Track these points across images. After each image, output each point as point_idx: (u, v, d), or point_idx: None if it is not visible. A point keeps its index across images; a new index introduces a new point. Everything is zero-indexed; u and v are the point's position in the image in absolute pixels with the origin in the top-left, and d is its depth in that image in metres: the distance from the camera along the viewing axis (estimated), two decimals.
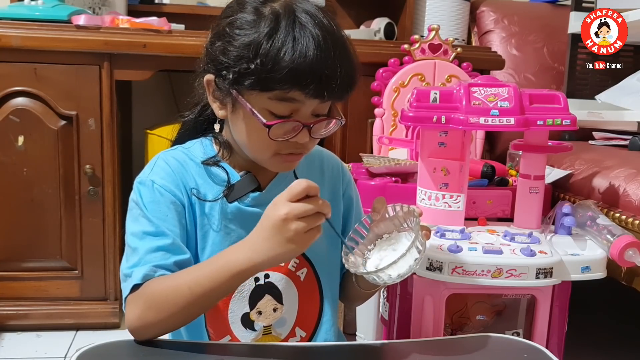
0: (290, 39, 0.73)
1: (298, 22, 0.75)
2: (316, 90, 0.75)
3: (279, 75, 0.73)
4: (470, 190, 1.24)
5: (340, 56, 0.76)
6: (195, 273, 0.76)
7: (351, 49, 0.80)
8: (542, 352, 0.80)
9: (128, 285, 0.78)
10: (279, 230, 0.71)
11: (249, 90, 0.76)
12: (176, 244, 0.80)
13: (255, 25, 0.75)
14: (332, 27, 0.77)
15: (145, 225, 0.79)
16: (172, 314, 0.75)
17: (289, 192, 0.71)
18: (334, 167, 0.96)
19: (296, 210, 0.70)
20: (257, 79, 0.74)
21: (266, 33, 0.74)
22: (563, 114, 1.16)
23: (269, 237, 0.72)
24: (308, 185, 0.71)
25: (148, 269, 0.77)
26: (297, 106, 0.77)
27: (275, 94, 0.76)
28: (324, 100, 0.78)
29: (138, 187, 0.82)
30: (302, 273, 0.89)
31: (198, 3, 2.14)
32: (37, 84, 1.60)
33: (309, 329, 0.90)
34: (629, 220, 1.21)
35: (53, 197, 1.64)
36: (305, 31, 0.74)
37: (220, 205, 0.84)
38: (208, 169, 0.85)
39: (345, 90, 0.79)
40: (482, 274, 1.05)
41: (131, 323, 0.77)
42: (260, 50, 0.74)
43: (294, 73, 0.73)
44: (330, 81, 0.75)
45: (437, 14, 2.02)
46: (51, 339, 1.66)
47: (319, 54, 0.74)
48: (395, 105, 1.69)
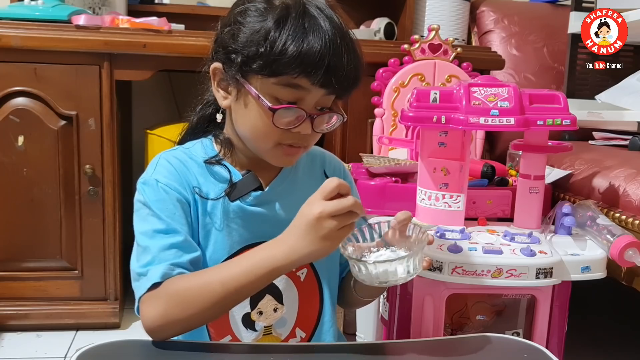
0: (300, 27, 0.75)
1: (308, 14, 0.76)
2: (323, 78, 0.76)
3: (287, 59, 0.74)
4: (470, 190, 1.24)
5: (347, 50, 0.78)
6: (229, 269, 0.76)
7: (358, 47, 0.81)
8: (542, 352, 0.80)
9: (144, 284, 0.77)
10: (313, 227, 0.72)
11: (256, 74, 0.77)
12: (188, 241, 0.80)
13: (265, 13, 0.77)
14: (340, 24, 0.79)
15: (155, 223, 0.79)
16: (201, 310, 0.75)
17: (322, 191, 0.73)
18: (335, 168, 0.96)
19: (330, 209, 0.71)
20: (265, 62, 0.75)
21: (276, 20, 0.76)
22: (563, 114, 1.15)
23: (304, 235, 0.73)
24: (340, 183, 0.73)
25: (166, 267, 0.76)
26: (303, 94, 0.78)
27: (281, 80, 0.76)
28: (329, 92, 0.79)
29: (142, 188, 0.82)
30: (302, 273, 0.89)
31: (198, 3, 2.14)
32: (37, 84, 1.60)
33: (308, 330, 0.90)
34: (629, 220, 1.21)
35: (53, 197, 1.64)
36: (315, 22, 0.76)
37: (222, 204, 0.84)
38: (210, 168, 0.85)
39: (350, 84, 0.80)
40: (482, 274, 1.05)
41: (153, 321, 0.76)
42: (269, 37, 0.75)
43: (303, 59, 0.74)
44: (338, 72, 0.76)
45: (437, 14, 2.02)
46: (51, 339, 1.66)
47: (328, 43, 0.75)
48: (395, 105, 1.69)
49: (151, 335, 0.76)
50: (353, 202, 0.72)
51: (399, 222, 0.80)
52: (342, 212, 0.72)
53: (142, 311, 0.77)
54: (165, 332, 0.76)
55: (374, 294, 0.92)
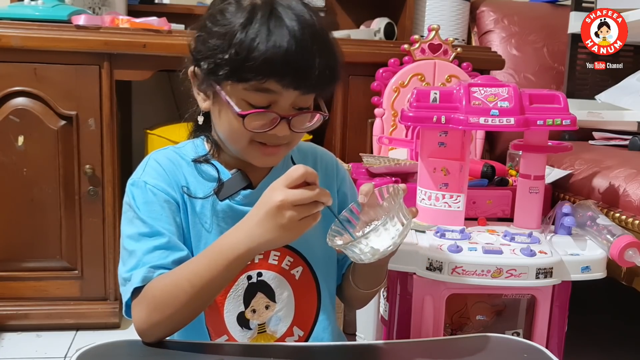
0: (265, 30, 0.73)
1: (275, 14, 0.75)
2: (292, 81, 0.75)
3: (252, 64, 0.73)
4: (470, 190, 1.24)
5: (318, 49, 0.76)
6: (193, 266, 0.75)
7: (332, 43, 0.79)
8: (542, 352, 0.80)
9: (128, 289, 0.77)
10: (273, 216, 0.70)
11: (225, 80, 0.77)
12: (172, 242, 0.79)
13: (233, 16, 0.76)
14: (312, 21, 0.76)
15: (140, 226, 0.79)
16: (176, 311, 0.75)
17: (286, 178, 0.70)
18: (328, 163, 0.95)
19: (292, 198, 0.69)
20: (231, 69, 0.75)
21: (241, 23, 0.74)
22: (563, 114, 1.16)
23: (262, 223, 0.71)
24: (306, 171, 0.70)
25: (146, 271, 0.76)
26: (275, 97, 0.77)
27: (251, 85, 0.76)
28: (303, 93, 0.78)
29: (130, 189, 0.82)
30: (297, 272, 0.88)
31: (198, 3, 2.14)
32: (37, 84, 1.60)
33: (306, 328, 0.90)
34: (629, 220, 1.21)
35: (53, 197, 1.64)
36: (281, 22, 0.74)
37: (212, 203, 0.84)
38: (199, 167, 0.85)
39: (324, 83, 0.78)
40: (482, 274, 1.05)
41: (139, 326, 0.76)
42: (234, 40, 0.74)
43: (268, 63, 0.73)
44: (308, 72, 0.75)
45: (437, 14, 2.02)
46: (51, 339, 1.66)
47: (294, 45, 0.73)
48: (395, 105, 1.69)
49: (143, 339, 0.77)
50: (318, 192, 0.69)
51: (365, 195, 0.78)
52: (306, 202, 0.69)
53: (132, 316, 0.78)
54: (154, 335, 0.76)
55: (373, 283, 0.91)
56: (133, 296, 0.77)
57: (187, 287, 0.74)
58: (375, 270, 0.88)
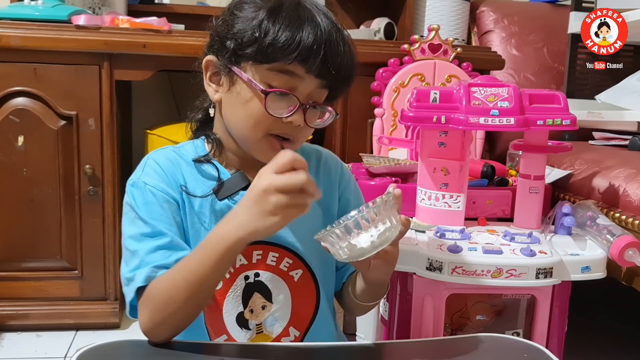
0: (295, 17, 0.76)
1: (302, 6, 0.78)
2: (319, 66, 0.76)
3: (281, 45, 0.74)
4: (470, 190, 1.24)
5: (343, 43, 0.78)
6: (187, 262, 0.75)
7: (353, 46, 0.82)
8: (542, 352, 0.80)
9: (131, 289, 0.77)
10: (259, 201, 0.68)
11: (249, 60, 0.78)
12: (175, 242, 0.79)
13: (260, 5, 0.78)
14: (335, 21, 0.80)
15: (141, 227, 0.79)
16: (176, 309, 0.75)
17: (274, 163, 0.69)
18: (332, 168, 0.94)
19: (277, 183, 0.67)
20: (259, 48, 0.76)
21: (270, 8, 0.77)
22: (563, 114, 1.16)
23: (249, 209, 0.70)
24: (294, 157, 0.69)
25: (149, 271, 0.76)
26: (296, 82, 0.78)
27: (275, 66, 0.77)
28: (323, 84, 0.79)
29: (130, 190, 0.82)
30: (297, 274, 0.88)
31: (198, 3, 2.14)
32: (37, 84, 1.60)
33: (302, 328, 0.90)
34: (629, 220, 1.21)
35: (53, 197, 1.64)
36: (310, 13, 0.77)
37: (211, 203, 0.84)
38: (199, 166, 0.85)
39: (343, 78, 0.80)
40: (482, 274, 1.05)
41: (144, 327, 0.77)
42: (263, 24, 0.76)
43: (297, 45, 0.74)
44: (332, 61, 0.77)
45: (437, 14, 2.02)
46: (51, 339, 1.66)
47: (322, 33, 0.76)
48: (395, 105, 1.69)
49: (149, 339, 0.77)
50: (305, 180, 0.68)
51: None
52: (292, 188, 0.67)
53: (138, 316, 0.78)
54: (159, 335, 0.76)
55: (373, 297, 0.90)
56: (137, 296, 0.77)
57: (183, 284, 0.74)
58: (375, 284, 0.87)
